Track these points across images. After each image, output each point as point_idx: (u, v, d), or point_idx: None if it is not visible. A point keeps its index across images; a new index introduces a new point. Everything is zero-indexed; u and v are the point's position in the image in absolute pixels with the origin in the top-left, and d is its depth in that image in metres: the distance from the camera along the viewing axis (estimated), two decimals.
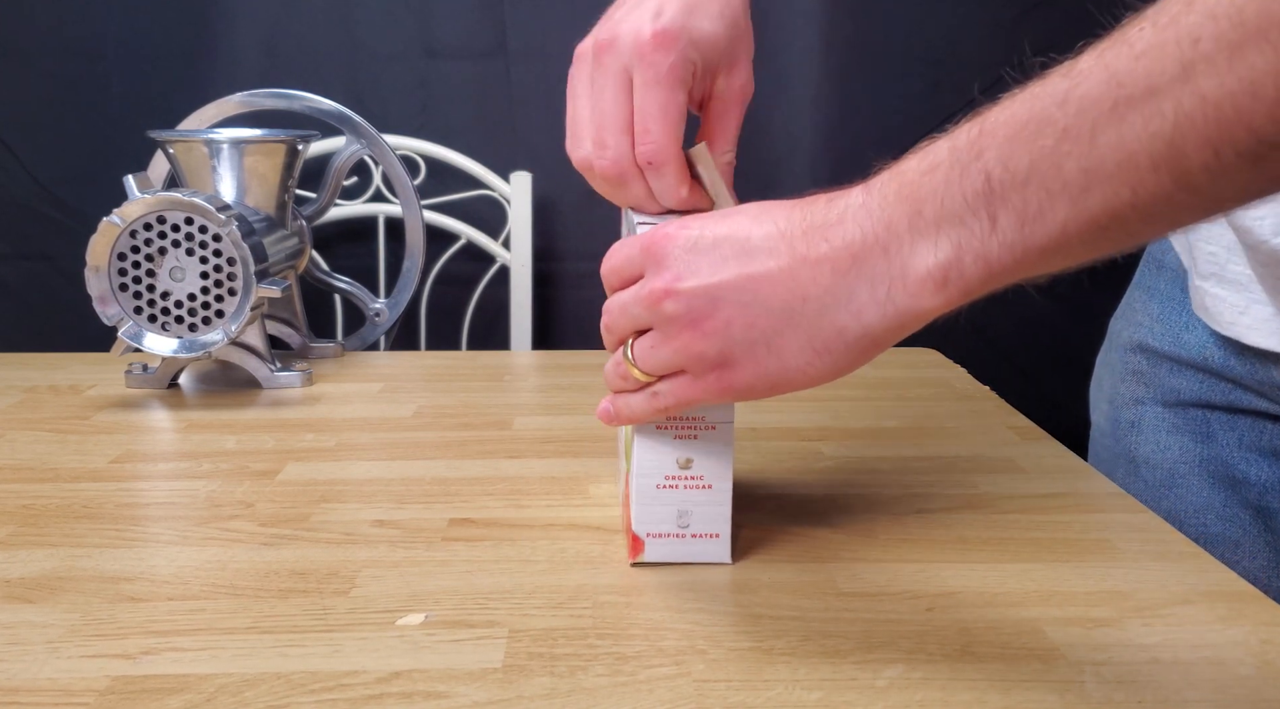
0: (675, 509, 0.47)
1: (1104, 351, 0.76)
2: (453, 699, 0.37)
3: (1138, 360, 0.70)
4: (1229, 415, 0.65)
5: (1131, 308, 0.72)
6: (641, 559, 0.47)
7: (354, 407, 0.74)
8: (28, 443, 0.65)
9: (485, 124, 1.28)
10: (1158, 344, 0.68)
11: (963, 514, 0.54)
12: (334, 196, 0.93)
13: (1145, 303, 0.70)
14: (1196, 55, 0.28)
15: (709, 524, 0.47)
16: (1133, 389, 0.70)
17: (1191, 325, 0.66)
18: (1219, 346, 0.64)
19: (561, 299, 1.33)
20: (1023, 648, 0.40)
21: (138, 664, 0.39)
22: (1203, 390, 0.65)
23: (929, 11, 1.26)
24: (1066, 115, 0.31)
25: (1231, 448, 0.65)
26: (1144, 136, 0.30)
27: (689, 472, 0.46)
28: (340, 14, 1.25)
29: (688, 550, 0.47)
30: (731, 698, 0.37)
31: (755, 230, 0.39)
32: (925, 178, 0.35)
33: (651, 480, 0.46)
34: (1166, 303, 0.68)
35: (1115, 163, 0.30)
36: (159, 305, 0.72)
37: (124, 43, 1.23)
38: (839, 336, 0.38)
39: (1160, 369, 0.68)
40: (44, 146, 1.25)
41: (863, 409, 0.73)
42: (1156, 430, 0.68)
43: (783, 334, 0.39)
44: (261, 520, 0.53)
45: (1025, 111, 0.33)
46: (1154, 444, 0.68)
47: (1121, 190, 0.31)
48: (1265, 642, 0.41)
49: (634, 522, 0.47)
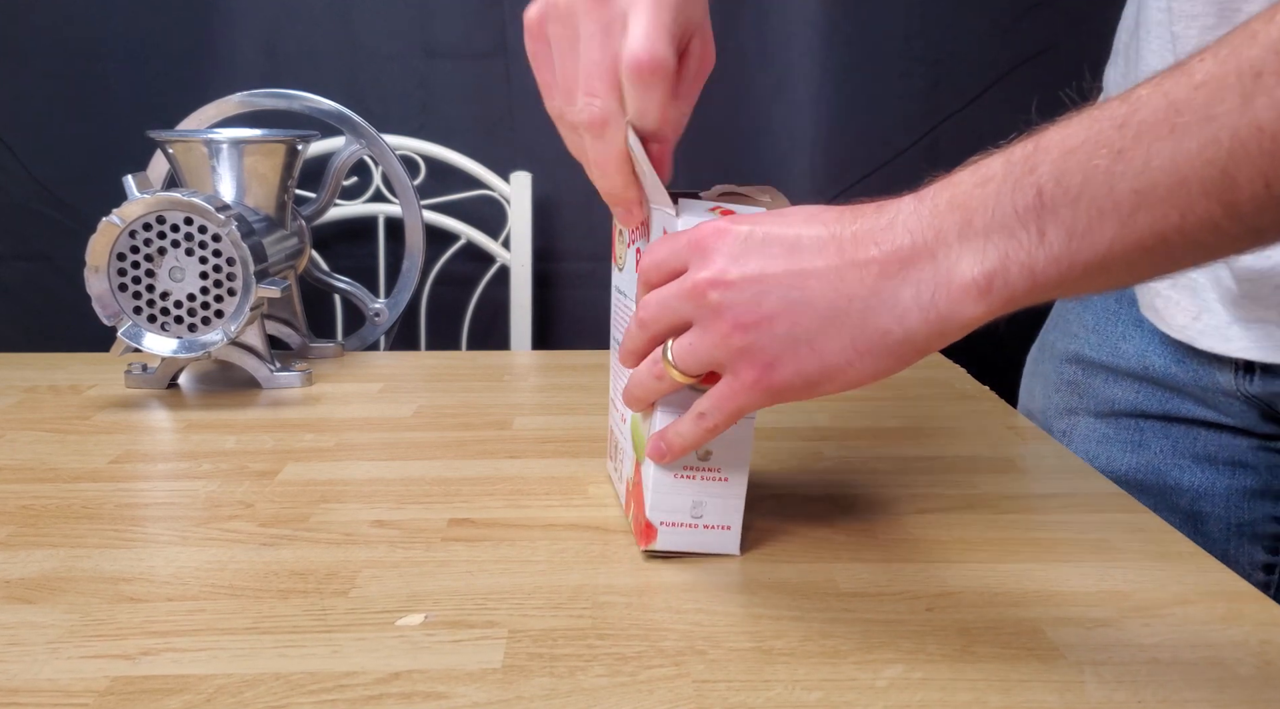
0: (691, 499, 0.47)
1: (1034, 361, 0.76)
2: (453, 699, 0.37)
3: (1072, 371, 0.70)
4: (1163, 424, 0.65)
5: (1064, 318, 0.72)
6: (653, 547, 0.48)
7: (354, 407, 0.74)
8: (28, 443, 0.65)
9: (485, 124, 1.28)
10: (1093, 354, 0.68)
11: (963, 514, 0.54)
12: (334, 196, 0.93)
13: (1079, 314, 0.70)
14: (1257, 88, 0.29)
15: (722, 516, 0.48)
16: (1066, 399, 0.70)
17: (1129, 334, 0.66)
18: (1161, 354, 0.64)
19: (561, 299, 1.33)
20: (1023, 648, 0.40)
21: (137, 665, 0.39)
22: (1139, 399, 0.66)
23: (929, 11, 1.25)
24: (1123, 138, 0.32)
25: (1165, 455, 0.65)
26: (1198, 163, 0.30)
27: (707, 463, 0.47)
28: (340, 14, 1.25)
29: (699, 540, 0.48)
30: (731, 698, 0.37)
31: (805, 231, 0.39)
32: (978, 189, 0.36)
33: (670, 470, 0.47)
34: (1101, 313, 0.68)
35: (1167, 187, 0.31)
36: (158, 305, 0.72)
37: (124, 43, 1.23)
38: (881, 339, 0.38)
39: (1095, 379, 0.68)
40: (44, 146, 1.25)
41: (863, 409, 0.73)
42: (1087, 441, 0.69)
43: (826, 333, 0.39)
44: (261, 521, 0.53)
45: (1082, 132, 0.33)
46: (1084, 454, 0.68)
47: (1170, 214, 0.31)
48: (1265, 642, 0.41)
49: (648, 509, 0.47)
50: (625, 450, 0.52)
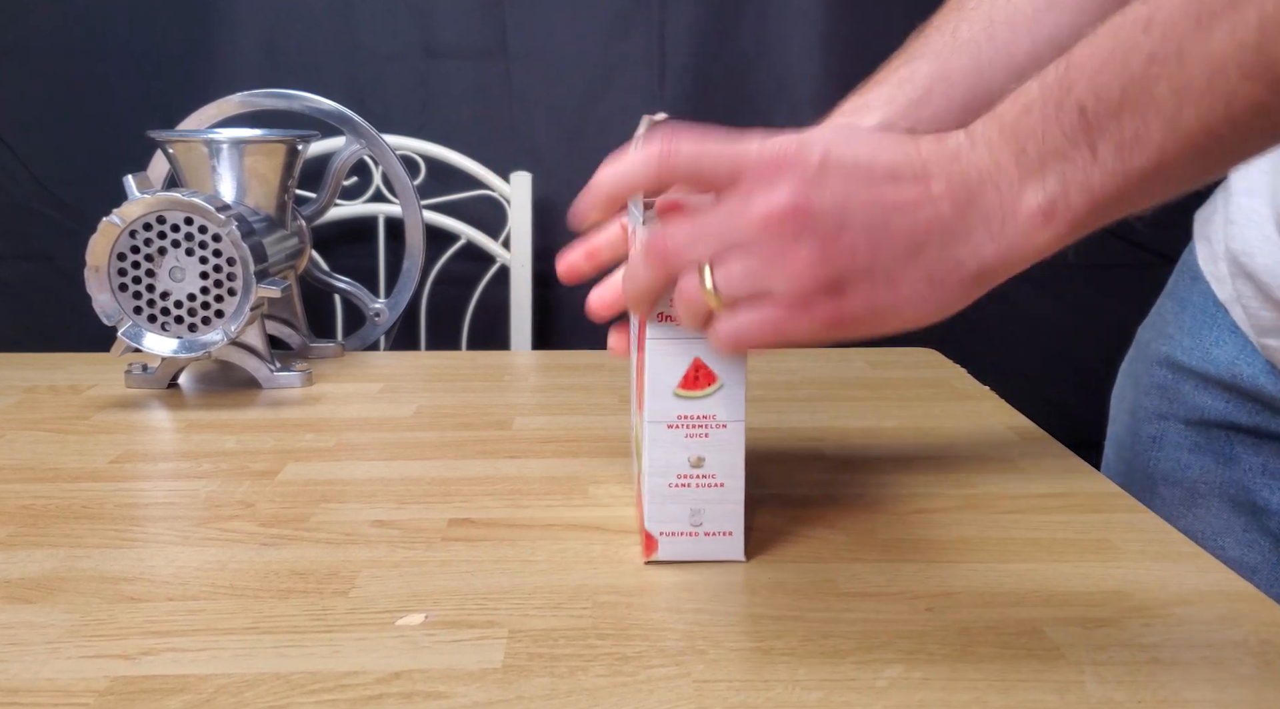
0: (688, 508, 0.47)
1: (1129, 361, 0.73)
2: (453, 699, 0.37)
3: (1163, 374, 0.67)
4: (1254, 439, 0.63)
5: (1162, 318, 0.70)
6: (655, 558, 0.47)
7: (354, 407, 0.74)
8: (28, 443, 0.65)
9: (485, 124, 1.28)
10: (1185, 359, 0.66)
11: (963, 514, 0.54)
12: (334, 196, 0.93)
13: (1176, 314, 0.68)
14: None
15: (722, 522, 0.47)
16: (1156, 403, 0.68)
17: (1222, 341, 0.63)
18: (1251, 363, 0.62)
19: (561, 299, 1.33)
20: (1023, 648, 0.40)
21: (137, 664, 0.39)
22: (1228, 411, 0.64)
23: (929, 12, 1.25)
24: (1152, 40, 0.32)
25: (1254, 473, 0.63)
26: (1230, 48, 0.30)
27: (701, 470, 0.46)
28: (340, 14, 1.25)
29: (701, 548, 0.47)
30: (731, 698, 0.37)
31: (881, 157, 0.38)
32: (1022, 118, 0.36)
33: (664, 479, 0.46)
34: (1199, 315, 0.65)
35: (1205, 79, 0.31)
36: (159, 305, 0.72)
37: (124, 43, 1.23)
38: (955, 270, 0.38)
39: (1185, 385, 0.66)
40: (44, 146, 1.25)
41: (863, 409, 0.73)
42: (1179, 448, 0.66)
43: (903, 265, 0.38)
44: (261, 520, 0.53)
45: (1110, 42, 0.33)
46: (1174, 462, 0.66)
47: (1215, 106, 0.31)
48: (1265, 642, 0.41)
49: (647, 520, 0.47)
50: (633, 456, 0.52)
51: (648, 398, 0.46)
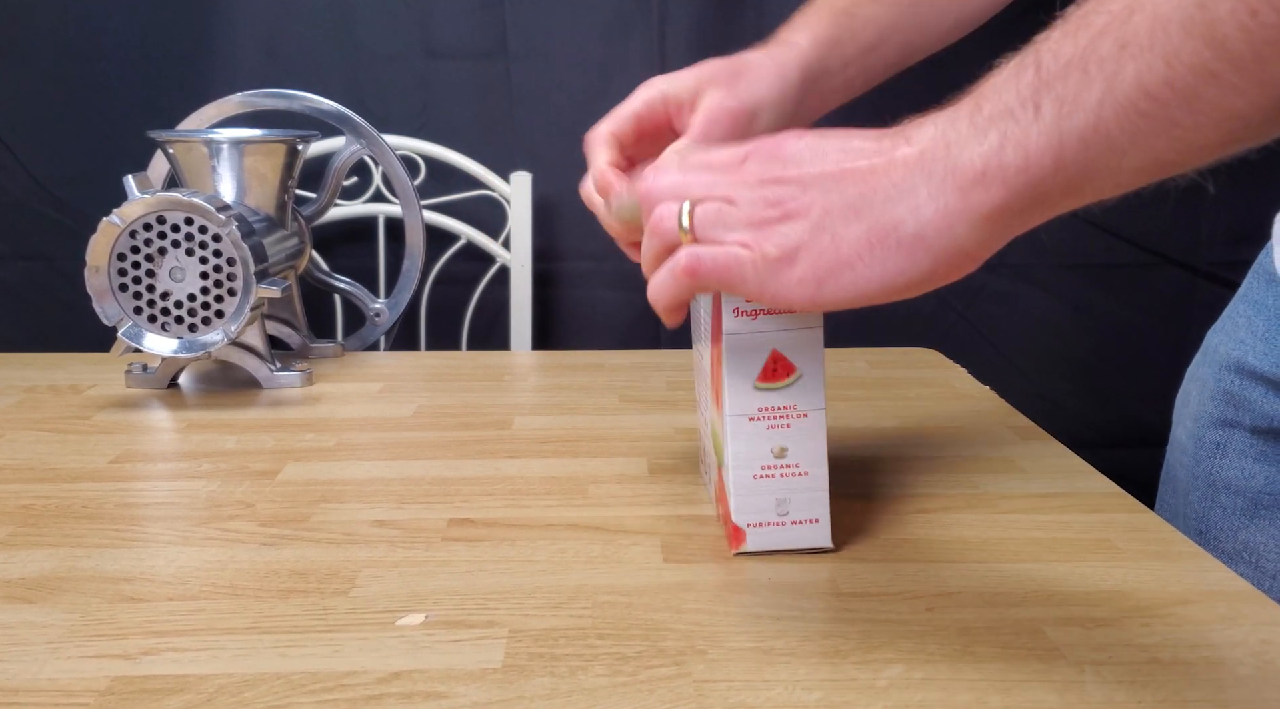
0: (774, 498, 0.47)
1: (1196, 365, 0.71)
2: (453, 699, 0.37)
3: (1232, 380, 0.65)
4: None
5: (1234, 322, 0.67)
6: (744, 549, 0.48)
7: (354, 407, 0.74)
8: (28, 443, 0.65)
9: (485, 124, 1.28)
10: (1258, 363, 0.63)
11: (963, 514, 0.54)
12: (334, 196, 0.93)
13: (1250, 317, 0.65)
14: None
15: (808, 510, 0.48)
16: (1222, 409, 0.65)
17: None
18: None
19: (561, 299, 1.33)
20: (1023, 648, 0.40)
21: (137, 664, 0.39)
22: None
23: None
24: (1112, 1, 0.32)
25: None
26: (1174, 3, 0.29)
27: (784, 460, 0.47)
28: (340, 14, 1.25)
29: (788, 537, 0.48)
30: (731, 698, 0.37)
31: (858, 136, 0.40)
32: (991, 78, 0.36)
33: (748, 471, 0.47)
34: (1273, 319, 0.63)
35: (1147, 34, 0.30)
36: (159, 305, 0.72)
37: (124, 43, 1.23)
38: (894, 231, 0.37)
39: (1255, 392, 0.63)
40: (44, 146, 1.25)
41: (863, 409, 0.73)
42: (1243, 456, 0.64)
43: (849, 223, 0.38)
44: (261, 520, 0.53)
45: (1078, 9, 0.33)
46: (1239, 470, 0.64)
47: (1155, 63, 0.30)
48: (1265, 642, 0.41)
49: (734, 512, 0.47)
50: (709, 455, 0.53)
51: (727, 393, 0.46)
